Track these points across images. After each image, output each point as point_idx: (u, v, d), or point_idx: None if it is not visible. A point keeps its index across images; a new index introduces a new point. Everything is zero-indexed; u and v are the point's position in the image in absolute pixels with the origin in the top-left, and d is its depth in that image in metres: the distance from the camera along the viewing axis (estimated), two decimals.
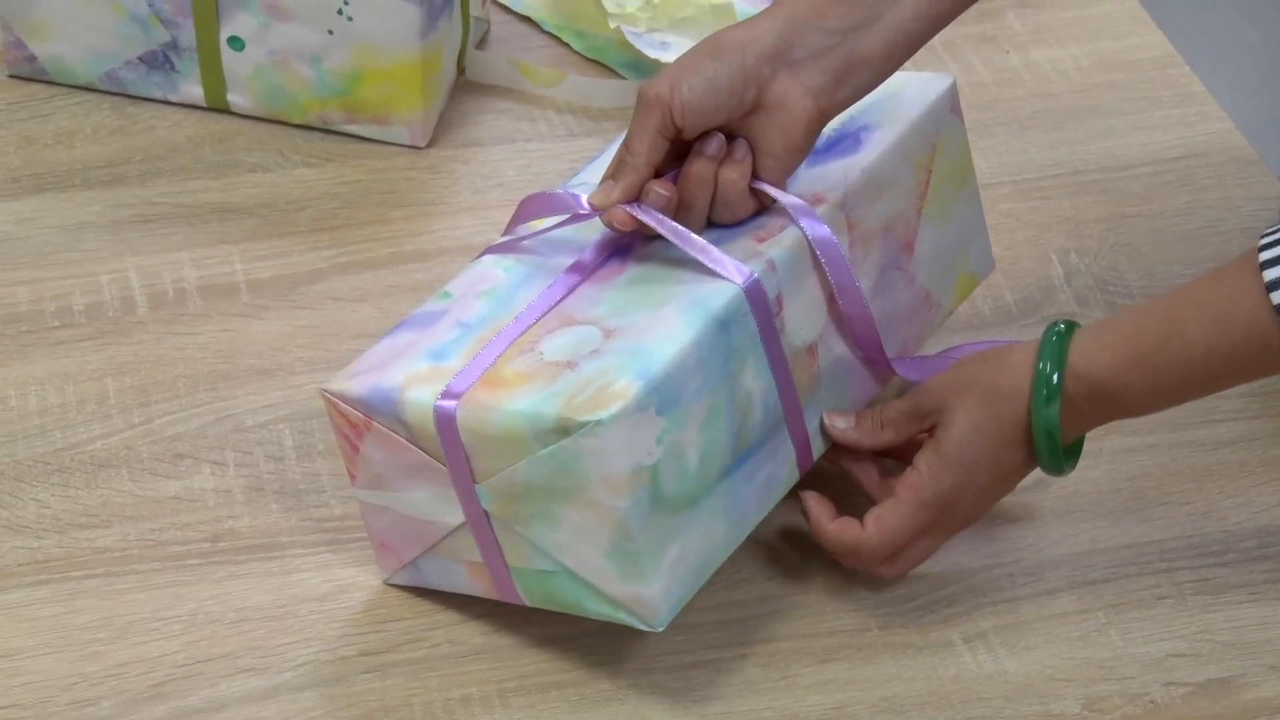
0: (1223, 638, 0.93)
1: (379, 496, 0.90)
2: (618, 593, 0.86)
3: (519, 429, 0.84)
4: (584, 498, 0.84)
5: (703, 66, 0.91)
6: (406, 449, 0.88)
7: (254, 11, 1.15)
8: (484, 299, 0.92)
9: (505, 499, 0.87)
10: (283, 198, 1.15)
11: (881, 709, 0.90)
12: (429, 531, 0.90)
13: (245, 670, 0.90)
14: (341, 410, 0.89)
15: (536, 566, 0.88)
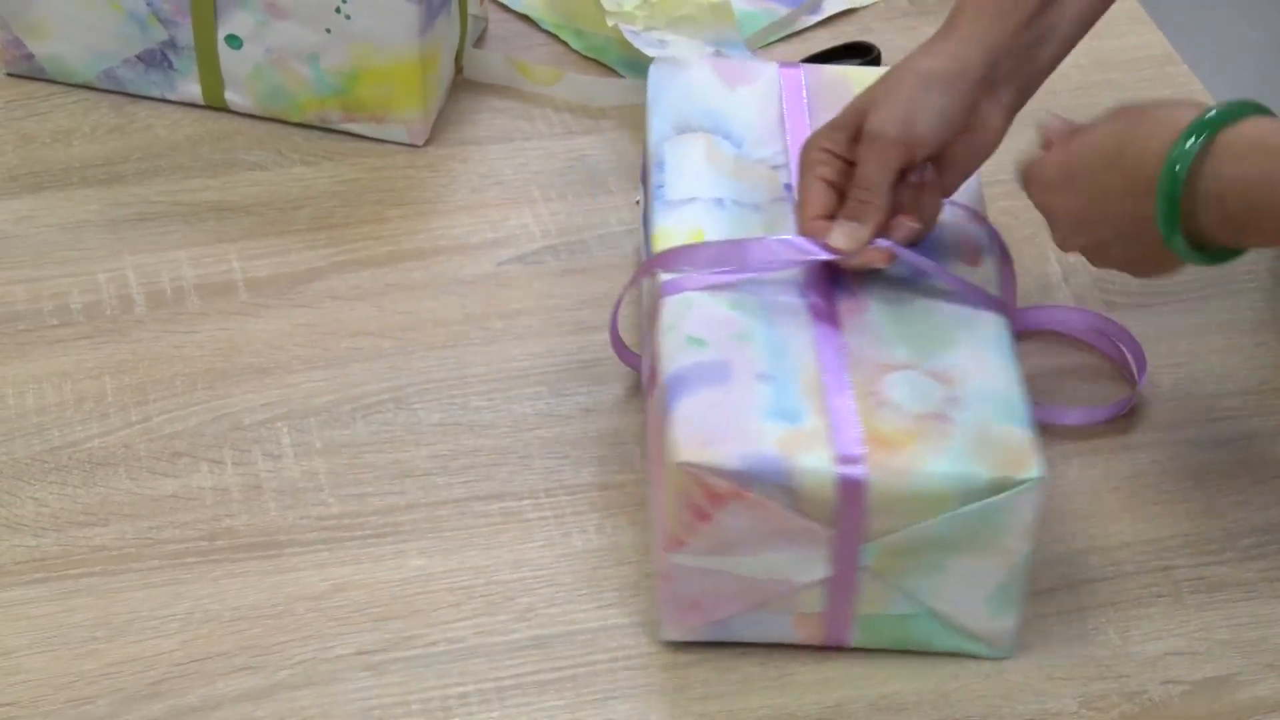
0: (1220, 636, 0.93)
1: (715, 562, 0.88)
2: (980, 628, 0.90)
3: (942, 490, 0.85)
4: (991, 547, 0.87)
5: (930, 101, 0.93)
6: (779, 515, 0.86)
7: (252, 10, 1.15)
8: (749, 344, 0.90)
9: (894, 555, 0.87)
10: (281, 196, 1.15)
11: (879, 707, 0.90)
12: (769, 590, 0.89)
13: (242, 669, 0.90)
14: (706, 482, 0.85)
15: (895, 612, 0.89)
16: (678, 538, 0.87)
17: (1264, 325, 1.09)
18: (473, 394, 1.04)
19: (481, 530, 0.97)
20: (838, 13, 1.30)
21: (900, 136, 0.92)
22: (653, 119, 1.03)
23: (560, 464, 1.00)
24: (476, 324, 1.08)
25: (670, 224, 0.97)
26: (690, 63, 1.06)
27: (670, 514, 0.87)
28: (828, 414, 0.87)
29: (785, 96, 1.04)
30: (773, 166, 1.00)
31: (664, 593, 0.90)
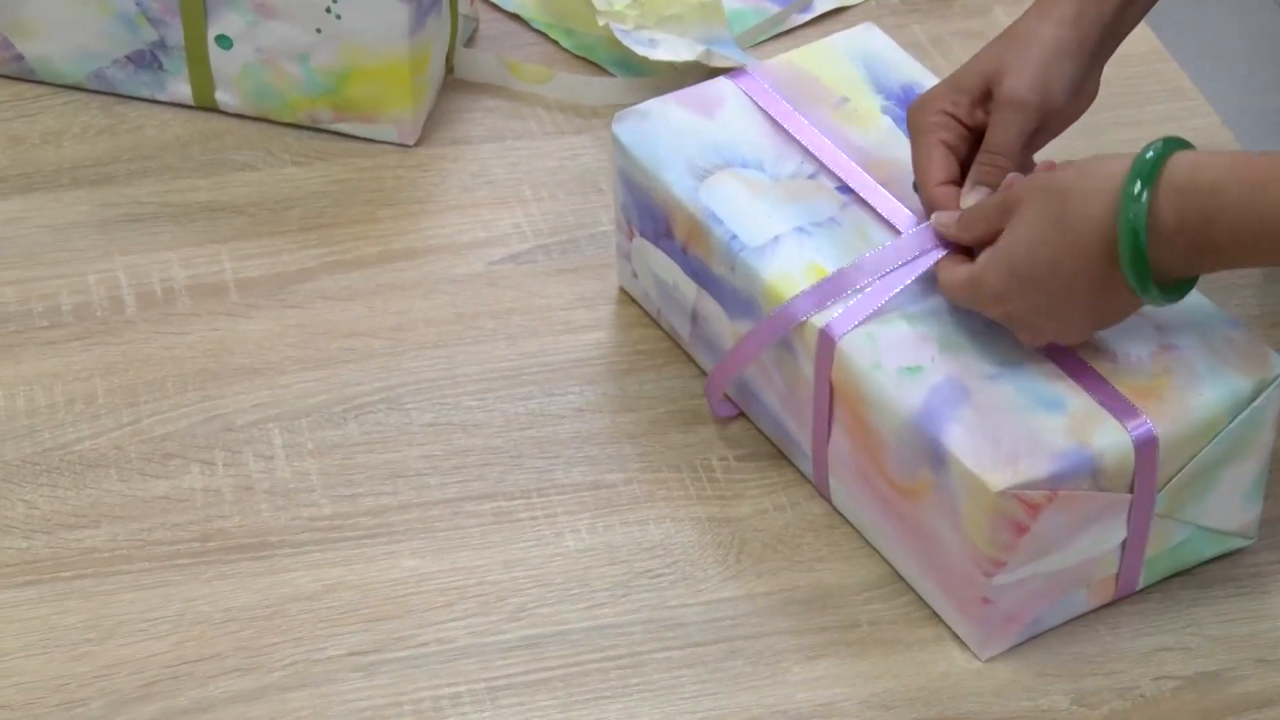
0: (1210, 632, 0.93)
1: (1032, 568, 0.88)
2: (1237, 524, 0.93)
3: (1216, 413, 0.89)
4: (1252, 447, 0.91)
5: (1064, 67, 0.93)
6: (1087, 500, 0.87)
7: (241, 10, 1.15)
8: (959, 353, 0.90)
9: (1179, 492, 0.90)
10: (271, 196, 1.15)
11: (871, 705, 0.90)
12: (1075, 574, 0.90)
13: (233, 670, 0.90)
14: (1024, 499, 0.86)
15: (1173, 543, 0.92)
16: (997, 560, 0.88)
17: (1255, 320, 1.09)
18: (464, 394, 1.04)
19: (473, 530, 0.97)
20: (828, 10, 1.30)
21: (1040, 103, 0.92)
22: (661, 172, 1.00)
23: (552, 464, 1.00)
24: (468, 324, 1.08)
25: (779, 269, 0.95)
26: (650, 108, 1.03)
27: (985, 541, 0.87)
28: (1082, 389, 0.89)
29: (762, 103, 1.03)
30: (809, 177, 0.99)
31: (983, 616, 0.90)
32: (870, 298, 0.92)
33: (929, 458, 0.88)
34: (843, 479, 0.95)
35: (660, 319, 1.06)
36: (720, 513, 0.98)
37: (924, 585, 0.93)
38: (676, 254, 1.01)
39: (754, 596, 0.94)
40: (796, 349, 0.94)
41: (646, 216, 1.02)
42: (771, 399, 0.98)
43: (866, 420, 0.91)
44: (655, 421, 1.02)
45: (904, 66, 1.05)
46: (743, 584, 0.95)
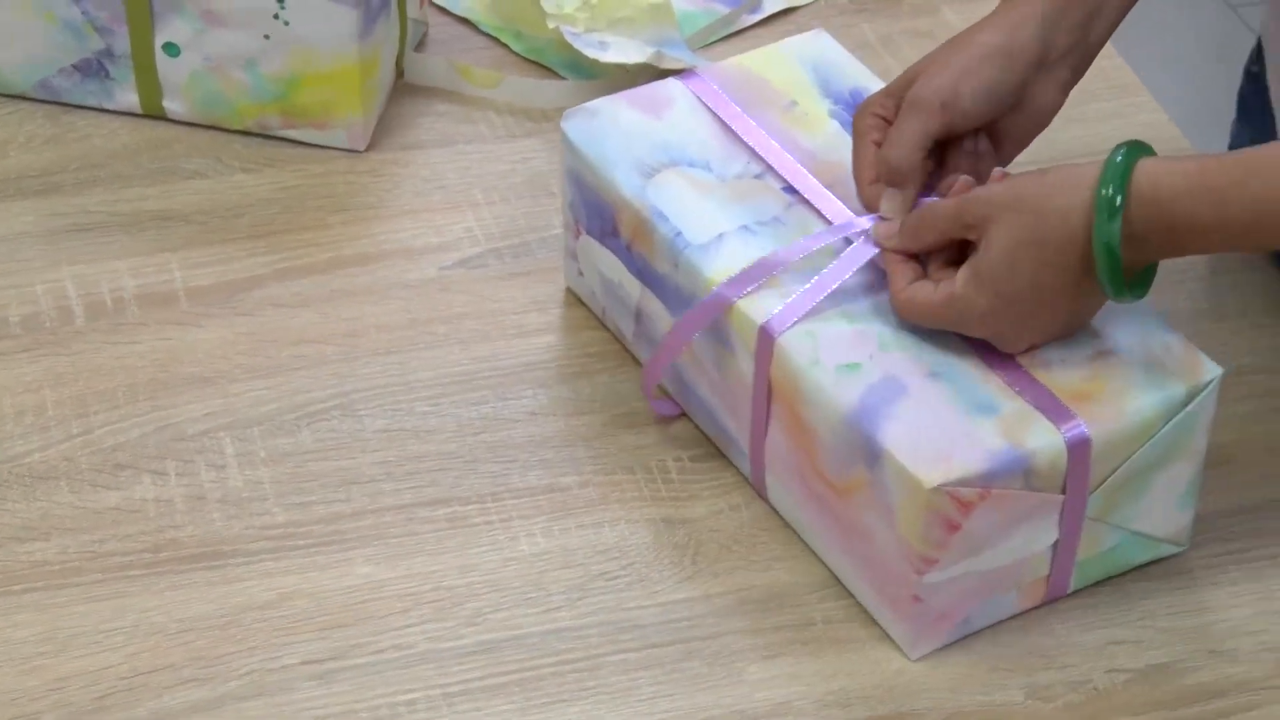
0: (1162, 624, 0.94)
1: (964, 566, 0.89)
2: (1170, 530, 0.94)
3: (1150, 416, 0.89)
4: (1185, 451, 0.91)
5: (981, 72, 0.93)
6: (1023, 499, 0.88)
7: (189, 17, 1.14)
8: (896, 352, 0.91)
9: (1111, 495, 0.90)
10: (221, 204, 1.15)
11: (827, 703, 0.90)
12: (1006, 574, 0.90)
13: (189, 681, 0.90)
14: (956, 496, 0.86)
15: (1104, 548, 0.92)
16: (929, 557, 0.88)
17: (1202, 314, 1.10)
18: (418, 399, 1.04)
19: (428, 536, 0.97)
20: (777, 11, 1.30)
21: (939, 105, 0.93)
22: (609, 170, 1.00)
23: (506, 468, 1.00)
24: (421, 329, 1.08)
25: (723, 266, 0.95)
26: (599, 106, 1.04)
27: (918, 538, 0.87)
28: (1018, 391, 0.89)
29: (711, 104, 1.04)
30: (755, 178, 1.00)
31: (915, 614, 0.90)
32: (810, 294, 0.93)
33: (864, 455, 0.89)
34: (779, 477, 0.95)
35: (605, 318, 1.06)
36: (675, 514, 0.98)
37: (857, 584, 0.93)
38: (622, 252, 1.01)
39: (710, 597, 0.95)
40: (735, 346, 0.94)
41: (594, 214, 1.03)
42: (710, 397, 0.98)
43: (803, 417, 0.91)
44: (608, 424, 1.03)
45: (853, 71, 1.06)
46: (698, 585, 0.95)
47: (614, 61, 1.21)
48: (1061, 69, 0.96)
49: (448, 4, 1.29)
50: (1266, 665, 0.92)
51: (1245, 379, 1.06)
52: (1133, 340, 0.92)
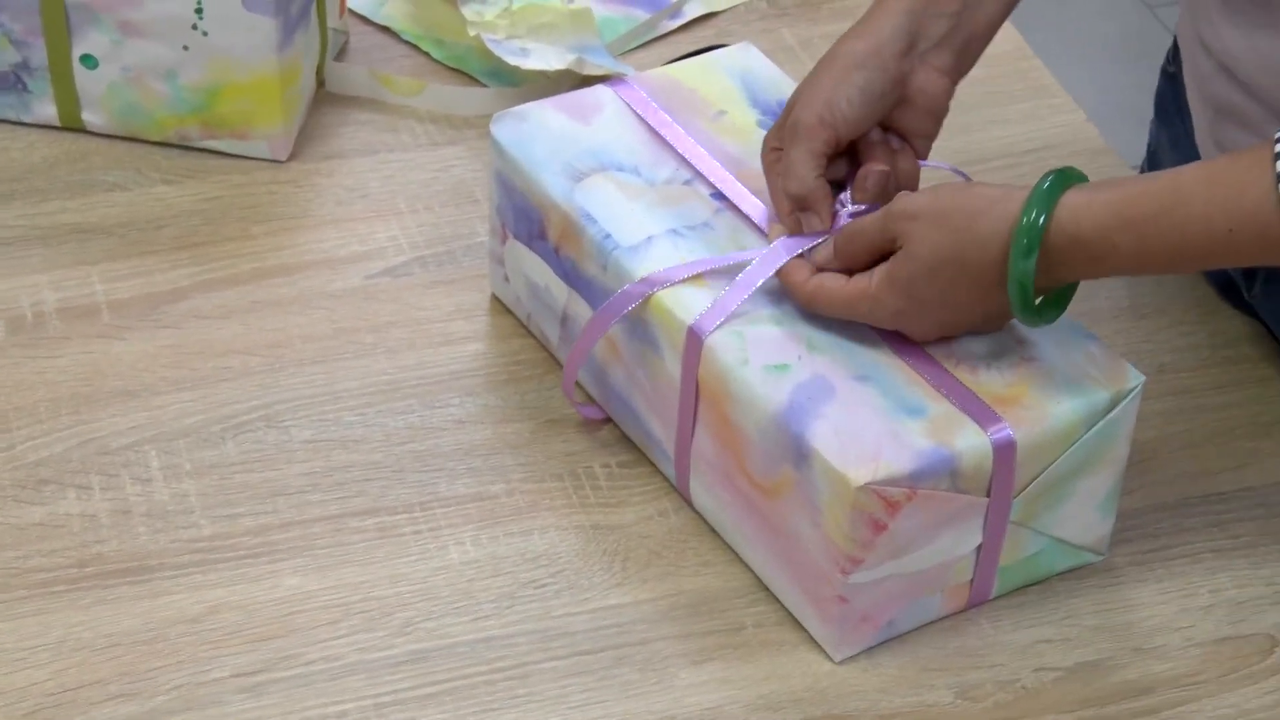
0: (1089, 622, 0.95)
1: (889, 568, 0.89)
2: (1091, 538, 0.95)
3: (1073, 422, 0.90)
4: (1106, 459, 0.92)
5: (850, 79, 0.95)
6: (948, 500, 0.88)
7: (106, 29, 1.13)
8: (823, 354, 0.91)
9: (1033, 500, 0.91)
10: (142, 216, 1.14)
11: (758, 707, 0.91)
12: (930, 577, 0.91)
13: (116, 696, 0.89)
14: (884, 495, 0.87)
15: (1025, 554, 0.93)
16: (854, 557, 0.88)
17: (1123, 313, 1.11)
18: (344, 409, 1.03)
19: (357, 546, 0.97)
20: (698, 16, 1.30)
21: (817, 122, 0.94)
22: (538, 173, 1.00)
23: (434, 477, 1.00)
24: (346, 338, 1.07)
25: (651, 269, 0.95)
26: (528, 110, 1.04)
27: (844, 537, 0.88)
28: (944, 395, 0.90)
29: (640, 111, 1.04)
30: (684, 183, 1.00)
31: (839, 615, 0.90)
32: (736, 292, 0.93)
33: (792, 454, 0.89)
34: (705, 481, 0.95)
35: (530, 324, 1.06)
36: (604, 520, 0.98)
37: (782, 587, 0.93)
38: (549, 255, 1.01)
39: (640, 603, 0.95)
40: (663, 347, 0.94)
41: (521, 218, 1.03)
42: (636, 401, 0.98)
43: (731, 418, 0.92)
44: (536, 431, 1.03)
45: (781, 84, 1.07)
46: (628, 591, 0.95)
47: (535, 68, 1.21)
48: (940, 55, 0.98)
49: (368, 13, 1.28)
50: (1192, 661, 0.93)
51: (1165, 378, 1.07)
52: (1057, 346, 0.93)
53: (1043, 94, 1.25)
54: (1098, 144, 1.21)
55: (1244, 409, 1.06)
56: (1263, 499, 1.01)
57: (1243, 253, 0.86)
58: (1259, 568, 0.98)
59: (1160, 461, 1.02)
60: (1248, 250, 0.86)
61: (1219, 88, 1.03)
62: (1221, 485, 1.02)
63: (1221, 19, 1.01)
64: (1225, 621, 0.95)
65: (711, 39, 1.28)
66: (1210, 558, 0.98)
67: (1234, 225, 0.85)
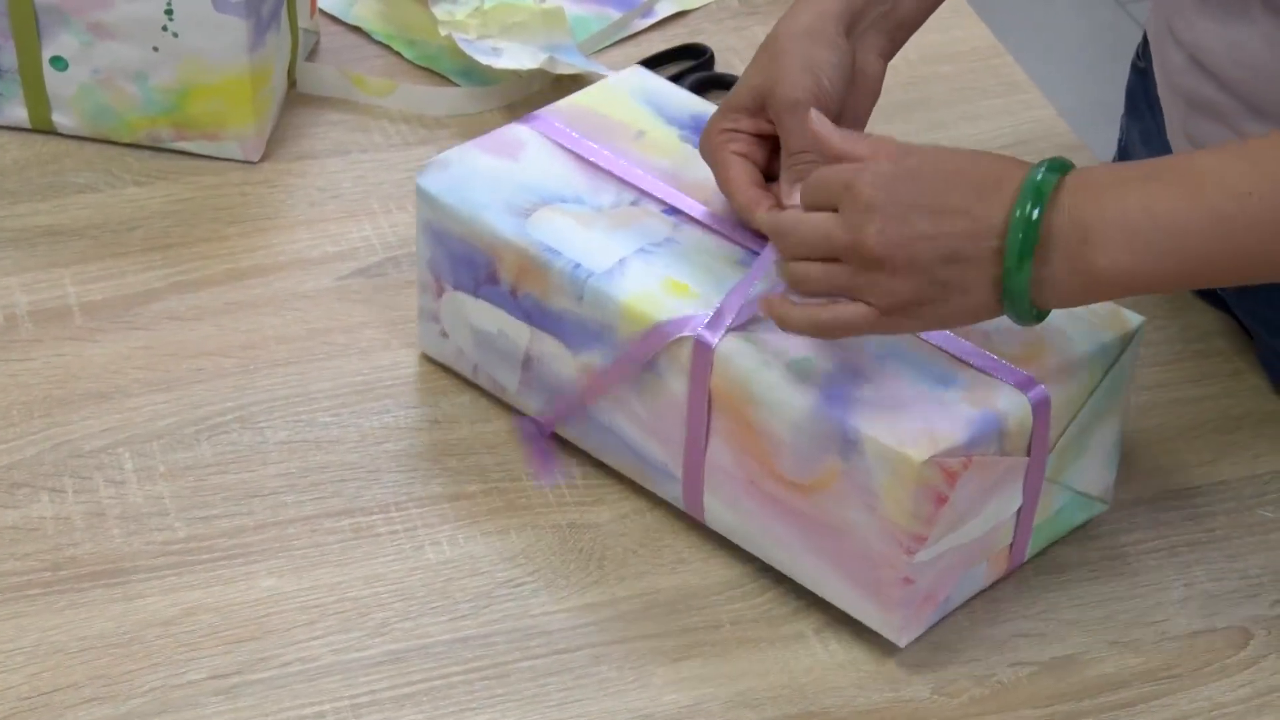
0: (1065, 616, 0.95)
1: (949, 541, 0.89)
2: (1100, 488, 0.96)
3: (1093, 370, 0.91)
4: (1115, 406, 0.94)
5: (823, 57, 0.94)
6: (998, 464, 0.89)
7: (76, 31, 1.13)
8: (831, 345, 0.91)
9: (1062, 454, 0.92)
10: (114, 218, 1.13)
11: (736, 704, 0.91)
12: (980, 545, 0.92)
13: (92, 700, 0.89)
14: (945, 467, 0.87)
15: (1053, 511, 0.94)
16: (919, 535, 0.88)
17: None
18: (319, 410, 1.03)
19: (332, 547, 0.96)
20: (670, 15, 1.30)
21: (816, 97, 0.93)
22: (480, 215, 0.97)
23: (410, 477, 1.00)
24: (320, 339, 1.07)
25: (636, 288, 0.94)
26: (450, 158, 1.01)
27: (907, 516, 0.88)
28: (970, 362, 0.90)
29: (564, 142, 1.02)
30: (632, 204, 0.99)
31: (903, 598, 0.90)
32: (734, 298, 0.93)
33: (837, 445, 0.89)
34: (723, 494, 0.94)
35: (478, 376, 1.03)
36: (581, 519, 0.98)
37: (830, 585, 0.93)
38: (504, 299, 0.99)
39: (617, 601, 0.95)
40: (662, 367, 0.94)
41: (462, 266, 1.00)
42: (627, 428, 0.97)
43: (755, 422, 0.91)
44: (512, 431, 1.02)
45: (686, 100, 1.06)
46: (605, 589, 0.95)
47: (507, 67, 1.21)
48: (875, 36, 0.98)
49: (339, 13, 1.28)
50: (1167, 654, 0.94)
51: (1141, 372, 1.07)
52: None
53: (1014, 90, 1.25)
54: (1070, 139, 1.22)
55: (1217, 403, 1.06)
56: (1236, 492, 1.01)
57: (1257, 218, 0.81)
58: (1233, 561, 0.98)
59: (1134, 456, 1.03)
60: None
61: (1190, 81, 1.03)
62: (1195, 479, 1.02)
63: (1194, 11, 1.01)
64: (1200, 615, 0.95)
65: (684, 37, 1.29)
66: (1185, 551, 0.98)
67: (1253, 188, 0.81)
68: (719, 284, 0.94)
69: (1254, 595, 0.96)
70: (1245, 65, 0.98)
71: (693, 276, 0.95)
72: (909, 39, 1.00)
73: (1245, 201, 0.81)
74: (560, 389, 0.98)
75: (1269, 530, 1.00)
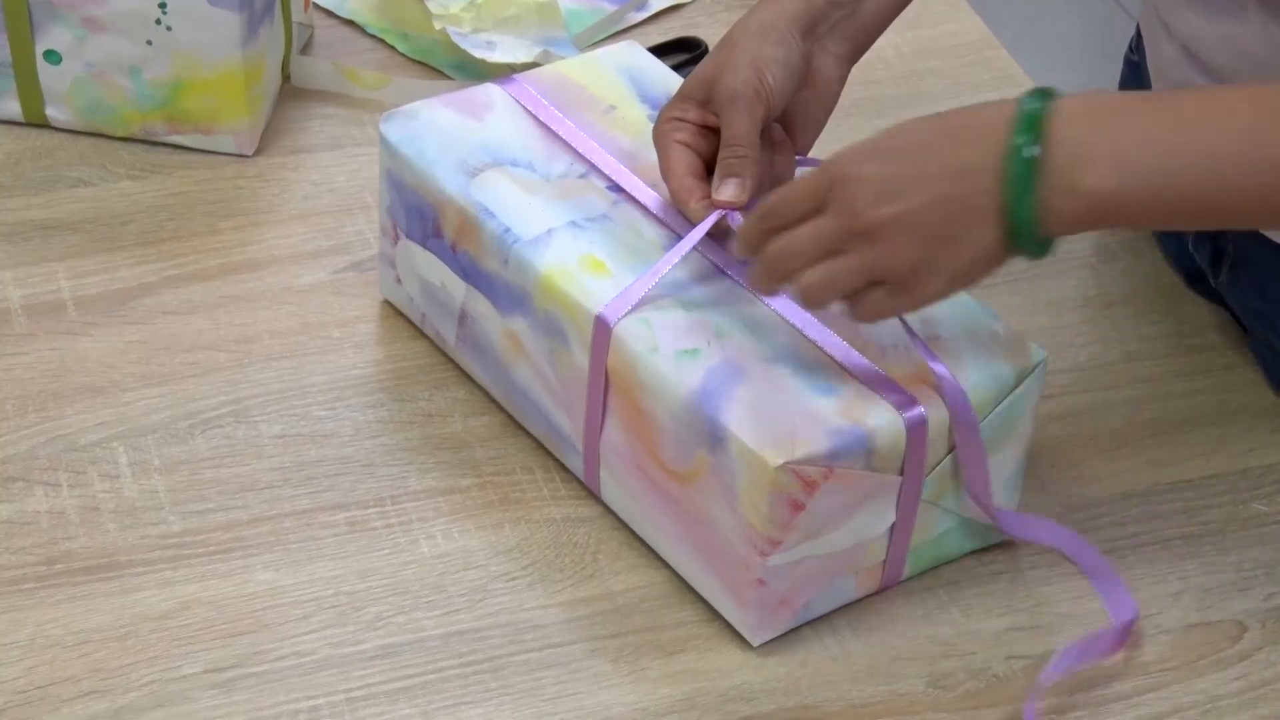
0: (1060, 609, 0.95)
1: (806, 549, 0.89)
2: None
3: (982, 399, 0.91)
4: (1013, 436, 0.93)
5: (770, 54, 0.94)
6: (863, 479, 0.89)
7: (69, 24, 1.13)
8: (732, 337, 0.91)
9: (943, 479, 0.92)
10: (108, 212, 1.13)
11: (730, 698, 0.91)
12: (845, 559, 0.91)
13: (88, 693, 0.89)
14: (802, 475, 0.87)
15: (935, 533, 0.94)
16: (773, 539, 0.88)
17: (1090, 302, 1.11)
18: (313, 404, 1.03)
19: (327, 541, 0.96)
20: (664, 9, 1.30)
21: (757, 92, 0.93)
22: (431, 169, 0.99)
23: (405, 471, 1.00)
24: (314, 333, 1.07)
25: (554, 260, 0.95)
26: (418, 108, 1.02)
27: (762, 519, 0.88)
28: (854, 374, 0.90)
29: (531, 109, 1.03)
30: (580, 177, 1.00)
31: (757, 600, 0.90)
32: (643, 282, 0.93)
33: (707, 438, 0.89)
34: (615, 472, 0.95)
35: (425, 326, 1.04)
36: (575, 512, 0.98)
37: (697, 575, 0.93)
38: (445, 253, 1.00)
39: (612, 594, 0.95)
40: (571, 338, 0.94)
41: (414, 216, 1.02)
42: (542, 396, 0.98)
43: (642, 405, 0.92)
44: (506, 424, 1.02)
45: (668, 80, 1.06)
46: (600, 582, 0.95)
47: (501, 61, 1.21)
48: (835, 43, 0.98)
49: (333, 6, 1.28)
50: (1162, 647, 0.94)
51: (1133, 366, 1.08)
52: (959, 326, 0.93)
53: (1009, 83, 1.25)
54: None
55: (1211, 396, 1.06)
56: (1230, 485, 1.02)
57: (1254, 160, 0.80)
58: (1227, 554, 0.98)
59: (1129, 449, 1.03)
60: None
61: (1183, 73, 1.03)
62: (1189, 472, 1.02)
63: (1186, 3, 1.01)
64: (1194, 608, 0.96)
65: (678, 31, 1.29)
66: (1179, 545, 0.99)
67: (1255, 128, 0.80)
68: (637, 265, 0.94)
69: (1248, 589, 0.97)
70: (1238, 56, 0.98)
71: (613, 256, 0.95)
72: (874, 43, 0.99)
73: (1243, 142, 0.81)
74: (490, 348, 1.00)
75: (1263, 524, 1.00)
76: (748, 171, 0.94)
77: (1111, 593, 0.95)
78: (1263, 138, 0.80)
